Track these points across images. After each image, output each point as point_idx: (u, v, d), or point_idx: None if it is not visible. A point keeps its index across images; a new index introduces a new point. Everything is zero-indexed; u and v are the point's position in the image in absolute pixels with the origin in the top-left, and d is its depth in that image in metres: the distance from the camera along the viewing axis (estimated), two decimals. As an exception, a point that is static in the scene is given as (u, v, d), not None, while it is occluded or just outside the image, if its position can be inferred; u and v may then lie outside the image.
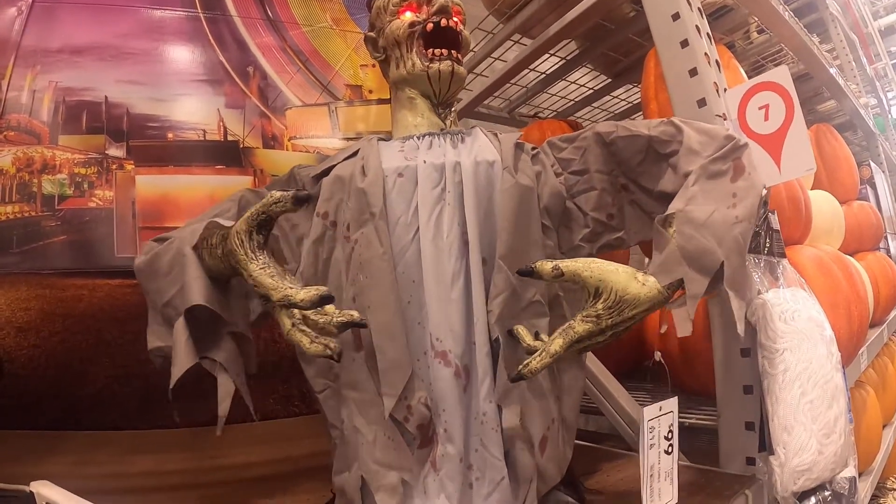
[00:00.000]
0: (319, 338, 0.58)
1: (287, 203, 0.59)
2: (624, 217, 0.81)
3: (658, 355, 0.83)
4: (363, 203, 0.74)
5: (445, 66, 0.82)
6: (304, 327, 0.59)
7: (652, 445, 0.65)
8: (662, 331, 0.68)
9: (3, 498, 0.75)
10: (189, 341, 0.66)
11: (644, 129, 0.77)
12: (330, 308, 0.59)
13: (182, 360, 0.66)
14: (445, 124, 0.85)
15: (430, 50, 0.83)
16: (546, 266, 0.62)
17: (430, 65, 0.82)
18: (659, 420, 0.67)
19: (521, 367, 0.62)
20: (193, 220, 0.80)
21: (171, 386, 0.65)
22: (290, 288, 0.57)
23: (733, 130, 0.86)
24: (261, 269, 0.60)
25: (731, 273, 0.64)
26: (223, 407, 0.66)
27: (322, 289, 0.56)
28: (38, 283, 1.26)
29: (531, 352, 0.64)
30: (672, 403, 0.68)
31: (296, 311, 0.59)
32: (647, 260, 0.66)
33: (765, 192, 0.88)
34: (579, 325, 0.63)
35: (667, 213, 0.67)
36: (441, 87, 0.83)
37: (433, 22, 0.82)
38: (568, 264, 0.63)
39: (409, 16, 0.85)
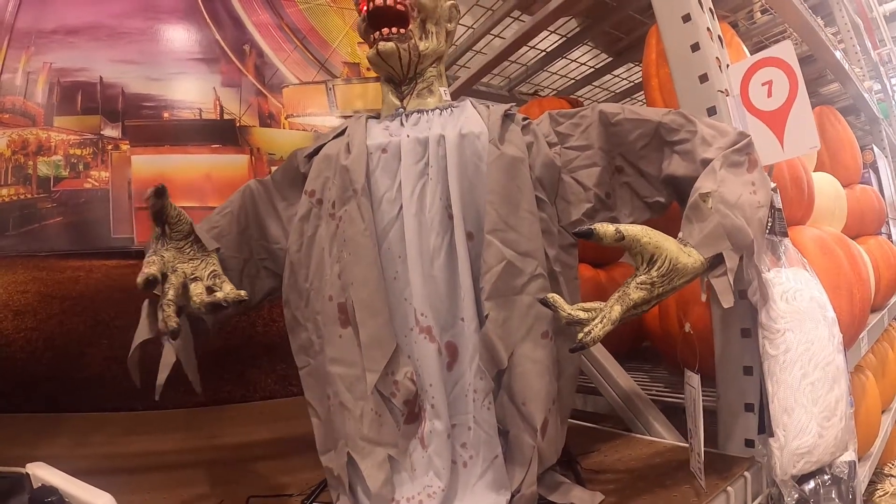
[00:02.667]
0: (170, 317, 0.67)
1: (150, 196, 0.68)
2: (616, 198, 0.81)
3: (688, 326, 0.83)
4: (346, 180, 0.74)
5: (382, 45, 0.80)
6: (166, 305, 0.68)
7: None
8: (704, 299, 0.70)
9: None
10: (149, 318, 0.73)
11: (653, 115, 0.78)
12: (227, 287, 0.71)
13: (141, 333, 0.73)
14: (402, 103, 0.83)
15: (373, 34, 0.81)
16: (609, 228, 0.61)
17: (374, 47, 0.81)
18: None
19: (581, 335, 0.60)
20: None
21: (129, 354, 0.72)
22: (142, 273, 0.67)
23: (735, 106, 0.85)
24: (147, 255, 0.71)
25: (757, 250, 0.69)
26: (161, 376, 0.72)
27: (146, 273, 0.66)
28: (34, 265, 1.26)
29: (571, 321, 0.61)
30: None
31: (171, 289, 0.69)
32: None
33: (773, 185, 0.89)
34: (634, 293, 0.62)
35: (703, 191, 0.68)
36: (391, 66, 0.81)
37: (366, 8, 0.81)
38: (629, 228, 0.62)
39: (364, 9, 0.83)
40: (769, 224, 0.84)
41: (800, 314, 0.82)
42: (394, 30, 0.80)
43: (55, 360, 1.31)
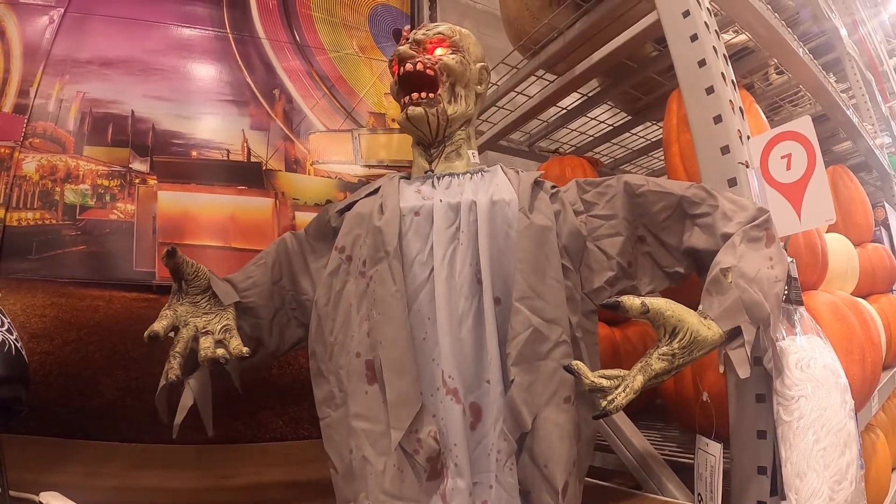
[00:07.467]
0: (173, 369, 0.73)
1: (164, 257, 0.74)
2: (637, 267, 0.83)
3: (705, 395, 0.85)
4: (379, 241, 0.76)
5: (411, 110, 0.84)
6: (171, 357, 0.74)
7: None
8: (722, 370, 0.73)
9: (15, 509, 0.76)
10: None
11: (676, 188, 0.80)
12: (234, 343, 0.75)
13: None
14: (431, 166, 0.87)
15: (403, 98, 0.85)
16: (635, 302, 0.63)
17: (405, 112, 0.85)
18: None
19: (605, 403, 0.62)
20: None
21: (157, 394, 0.76)
22: (150, 328, 0.73)
23: (756, 179, 0.87)
24: (163, 309, 0.77)
25: (773, 322, 0.71)
26: (179, 416, 0.75)
27: (151, 328, 0.72)
28: (54, 291, 1.26)
29: (594, 389, 0.63)
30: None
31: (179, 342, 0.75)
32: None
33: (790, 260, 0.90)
34: (656, 363, 0.64)
35: (723, 266, 0.70)
36: (420, 130, 0.85)
37: (399, 72, 0.86)
38: (654, 302, 0.64)
39: (396, 73, 0.88)
40: (785, 293, 0.86)
41: (813, 381, 0.83)
42: (423, 94, 0.83)
43: (68, 387, 1.31)
